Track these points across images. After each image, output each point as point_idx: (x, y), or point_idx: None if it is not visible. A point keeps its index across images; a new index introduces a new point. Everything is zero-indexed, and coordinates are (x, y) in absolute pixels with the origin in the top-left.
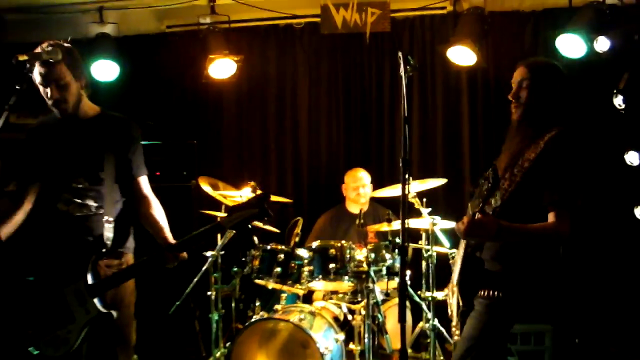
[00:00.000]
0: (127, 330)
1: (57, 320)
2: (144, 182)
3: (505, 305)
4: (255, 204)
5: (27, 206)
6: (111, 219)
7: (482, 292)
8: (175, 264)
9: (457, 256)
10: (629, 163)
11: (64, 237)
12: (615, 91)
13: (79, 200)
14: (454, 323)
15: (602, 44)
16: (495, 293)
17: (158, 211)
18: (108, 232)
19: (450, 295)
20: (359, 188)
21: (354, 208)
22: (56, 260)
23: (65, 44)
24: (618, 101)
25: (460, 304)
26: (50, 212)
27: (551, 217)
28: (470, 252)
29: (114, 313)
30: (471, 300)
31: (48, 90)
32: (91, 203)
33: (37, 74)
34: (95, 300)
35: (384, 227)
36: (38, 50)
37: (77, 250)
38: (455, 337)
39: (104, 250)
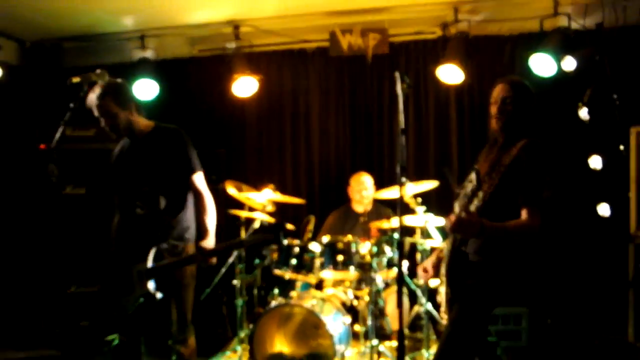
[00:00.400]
0: (184, 307)
1: (124, 289)
2: (198, 178)
3: (487, 292)
4: (272, 231)
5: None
6: (172, 216)
7: (468, 281)
8: (205, 265)
9: (446, 250)
10: (592, 167)
11: (140, 232)
12: (580, 104)
13: (145, 202)
14: (442, 309)
15: (569, 63)
16: (478, 281)
17: (207, 210)
18: (169, 227)
19: (440, 286)
20: (362, 191)
21: (358, 207)
22: (134, 248)
23: (112, 81)
24: (583, 113)
25: (448, 292)
26: (129, 215)
27: (524, 214)
28: (456, 246)
29: (159, 294)
30: (458, 289)
31: (102, 121)
32: (156, 204)
33: (94, 110)
34: (151, 281)
35: (385, 224)
36: (89, 74)
37: (146, 241)
38: (444, 321)
39: (164, 242)
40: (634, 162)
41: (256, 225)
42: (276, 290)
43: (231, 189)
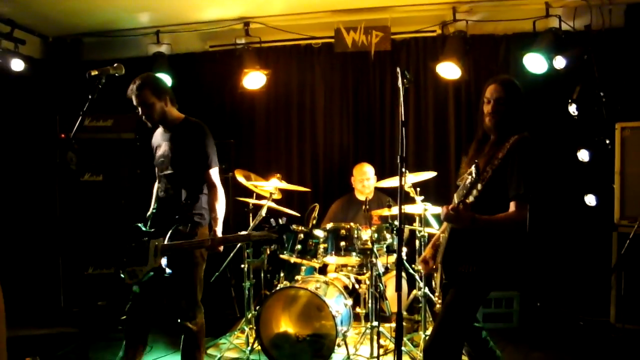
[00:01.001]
0: (193, 285)
1: (139, 259)
2: (213, 173)
3: (479, 278)
4: (276, 231)
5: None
6: (189, 200)
7: (461, 268)
8: (211, 251)
9: (442, 239)
10: (580, 159)
11: (162, 211)
12: (570, 100)
13: (169, 185)
14: (436, 293)
15: (560, 62)
16: (471, 268)
17: (218, 202)
18: (188, 211)
19: (435, 271)
20: (364, 181)
21: (361, 196)
22: (157, 224)
23: (150, 74)
24: (572, 109)
25: (443, 278)
26: (157, 194)
27: (512, 206)
28: (452, 235)
29: (168, 270)
30: (452, 275)
31: (139, 109)
32: (176, 187)
33: (133, 99)
34: (164, 258)
35: (385, 212)
36: (107, 67)
37: (166, 221)
38: (438, 305)
39: (182, 224)
40: (618, 156)
41: (263, 212)
42: (282, 274)
43: (240, 178)
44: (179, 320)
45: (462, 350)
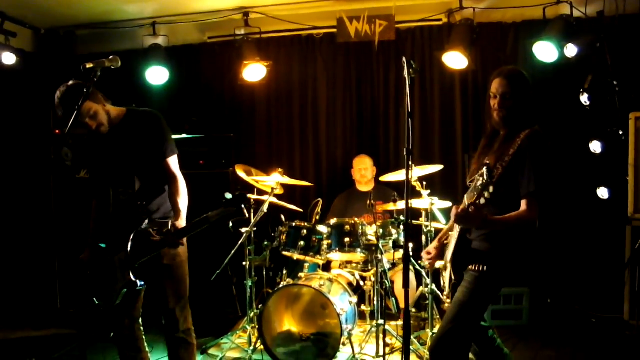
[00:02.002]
0: (178, 287)
1: (109, 280)
2: (172, 162)
3: (489, 277)
4: (234, 204)
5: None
6: (149, 199)
7: (471, 267)
8: (175, 247)
9: (452, 238)
10: (592, 151)
11: (121, 218)
12: (581, 90)
13: (121, 189)
14: (445, 293)
15: (571, 50)
16: (482, 267)
17: (180, 192)
18: (148, 210)
19: (443, 270)
20: (361, 170)
21: (363, 188)
22: (115, 236)
23: (68, 84)
24: (584, 99)
25: (453, 277)
26: (106, 203)
27: (523, 205)
28: (461, 234)
29: (139, 282)
30: (462, 274)
31: (91, 124)
32: (131, 186)
33: (79, 123)
34: (131, 271)
35: (391, 206)
36: (102, 60)
37: (125, 228)
38: (447, 305)
39: (142, 226)
40: (632, 147)
41: (265, 208)
42: (285, 271)
43: (240, 173)
44: (175, 334)
45: (469, 350)
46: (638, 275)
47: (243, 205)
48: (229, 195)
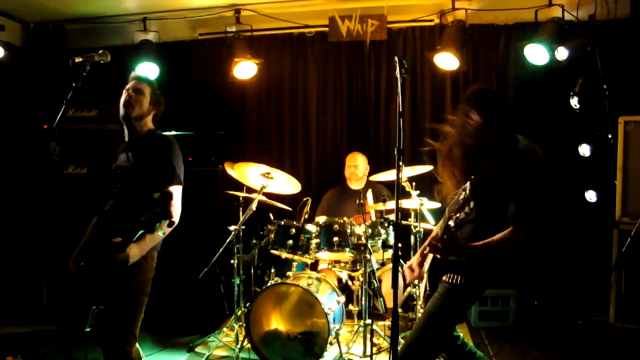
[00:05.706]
0: (129, 314)
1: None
2: (175, 190)
3: (459, 291)
4: (159, 204)
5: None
6: (124, 217)
7: (445, 277)
8: (122, 264)
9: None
10: (581, 154)
11: (100, 229)
12: (571, 93)
13: (113, 201)
14: (420, 302)
15: (562, 53)
16: (456, 278)
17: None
18: (118, 226)
19: (419, 281)
20: (351, 167)
21: (354, 185)
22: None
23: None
24: (574, 102)
25: (427, 288)
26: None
27: (510, 225)
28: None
29: (94, 308)
30: (437, 285)
31: (129, 93)
32: (119, 203)
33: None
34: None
35: (380, 206)
36: (92, 54)
37: (101, 239)
38: (419, 315)
39: (113, 240)
40: (621, 151)
41: (254, 206)
42: (273, 270)
43: (230, 171)
44: (116, 345)
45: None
46: (624, 279)
47: (168, 205)
48: (156, 195)
